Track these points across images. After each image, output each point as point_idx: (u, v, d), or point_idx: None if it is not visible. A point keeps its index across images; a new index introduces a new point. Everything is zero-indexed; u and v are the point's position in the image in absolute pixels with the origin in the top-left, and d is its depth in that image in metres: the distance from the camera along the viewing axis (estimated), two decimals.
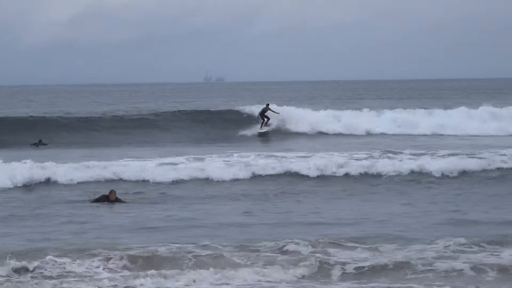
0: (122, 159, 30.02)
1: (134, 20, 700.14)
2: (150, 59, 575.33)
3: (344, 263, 15.10)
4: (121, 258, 15.14)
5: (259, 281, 14.42)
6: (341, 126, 47.20)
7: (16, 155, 31.02)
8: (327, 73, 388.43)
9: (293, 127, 46.69)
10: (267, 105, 47.26)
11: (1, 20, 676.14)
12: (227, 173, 27.79)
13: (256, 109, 48.43)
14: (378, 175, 28.12)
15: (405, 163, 29.15)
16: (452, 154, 30.79)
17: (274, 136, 44.85)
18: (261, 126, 45.79)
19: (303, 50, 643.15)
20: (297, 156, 30.54)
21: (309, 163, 28.81)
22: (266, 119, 45.85)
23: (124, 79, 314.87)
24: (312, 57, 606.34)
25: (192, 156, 30.36)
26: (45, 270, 14.59)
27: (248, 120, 48.01)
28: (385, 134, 46.23)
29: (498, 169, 28.87)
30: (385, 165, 28.71)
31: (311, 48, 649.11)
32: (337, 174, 28.21)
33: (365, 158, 30.02)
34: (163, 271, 14.52)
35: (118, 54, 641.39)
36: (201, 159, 29.76)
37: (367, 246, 16.39)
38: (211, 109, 53.63)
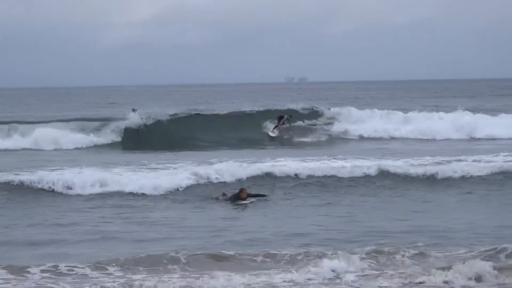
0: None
1: (212, 21, 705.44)
2: (229, 60, 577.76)
3: None
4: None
5: None
6: None
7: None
8: (410, 72, 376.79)
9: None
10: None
11: (81, 20, 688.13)
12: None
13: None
14: None
15: None
16: None
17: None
18: (273, 129, 44.28)
19: (384, 48, 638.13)
20: None
21: None
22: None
23: (203, 79, 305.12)
24: (394, 55, 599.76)
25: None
26: None
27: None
28: None
29: None
30: None
31: (392, 46, 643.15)
32: None
33: None
34: None
35: (197, 54, 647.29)
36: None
37: None
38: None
